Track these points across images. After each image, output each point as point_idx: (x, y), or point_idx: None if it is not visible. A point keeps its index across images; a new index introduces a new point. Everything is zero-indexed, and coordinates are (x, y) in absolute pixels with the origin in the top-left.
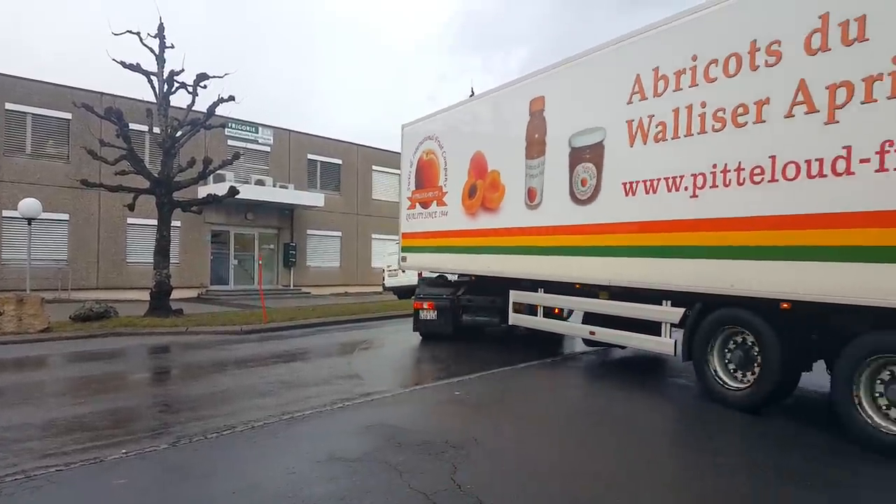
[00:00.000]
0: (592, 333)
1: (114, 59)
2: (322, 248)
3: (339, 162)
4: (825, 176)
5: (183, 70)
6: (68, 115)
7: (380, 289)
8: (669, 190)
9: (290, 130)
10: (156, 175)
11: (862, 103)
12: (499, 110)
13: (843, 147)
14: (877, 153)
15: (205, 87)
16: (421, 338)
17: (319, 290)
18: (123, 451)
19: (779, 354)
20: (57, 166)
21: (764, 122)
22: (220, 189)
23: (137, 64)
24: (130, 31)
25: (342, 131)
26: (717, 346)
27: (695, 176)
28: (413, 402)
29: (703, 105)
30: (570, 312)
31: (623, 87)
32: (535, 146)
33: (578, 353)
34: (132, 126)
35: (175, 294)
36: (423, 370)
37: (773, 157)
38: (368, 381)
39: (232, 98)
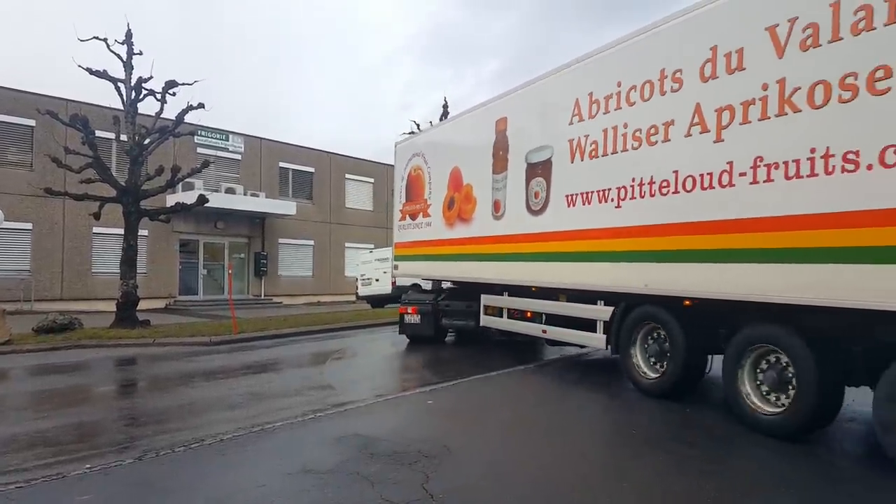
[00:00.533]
0: (544, 332)
1: (80, 66)
2: (294, 257)
3: (312, 170)
4: (713, 188)
5: (151, 77)
6: (32, 122)
7: (353, 298)
8: (600, 201)
9: (261, 138)
10: (122, 183)
11: (740, 124)
12: (471, 129)
13: (727, 162)
14: (751, 168)
15: (174, 94)
16: (393, 347)
17: (291, 299)
18: (87, 466)
19: (683, 347)
20: (20, 174)
21: (669, 140)
22: (189, 197)
23: (104, 70)
24: (97, 38)
25: (315, 140)
26: (639, 340)
27: (619, 189)
28: (386, 412)
29: (626, 126)
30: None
31: (566, 109)
32: (500, 162)
33: (551, 360)
34: (98, 133)
35: (142, 305)
36: (396, 379)
37: (676, 172)
38: (341, 391)
39: (201, 105)
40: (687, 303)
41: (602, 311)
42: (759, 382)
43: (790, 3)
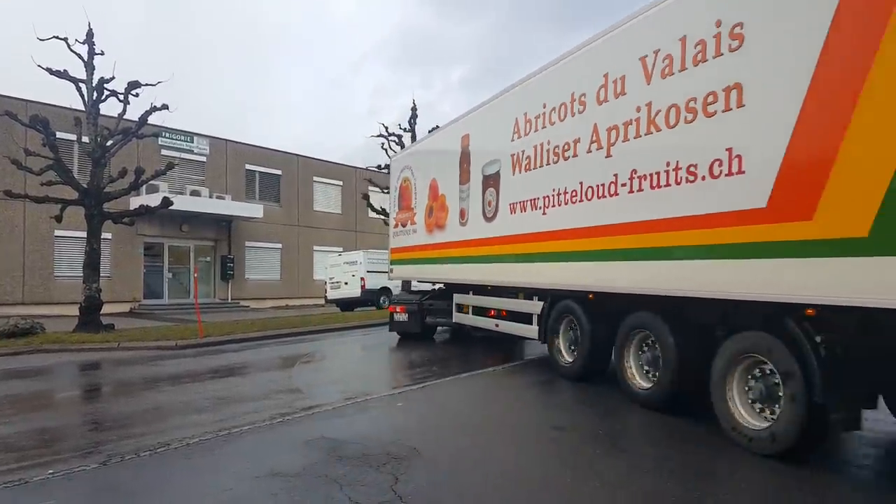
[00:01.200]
0: (497, 326)
1: (40, 66)
2: (261, 260)
3: (279, 173)
4: (605, 197)
5: (114, 77)
6: None
7: (322, 301)
8: (532, 209)
9: (227, 140)
10: (84, 186)
11: (622, 142)
12: (444, 144)
13: (614, 174)
14: (629, 179)
15: (137, 95)
16: (362, 351)
17: (259, 303)
18: (50, 471)
19: (589, 335)
20: None
21: (577, 156)
22: (153, 200)
23: (65, 70)
24: (57, 37)
25: (282, 142)
26: (561, 330)
27: (544, 198)
28: (355, 415)
29: (549, 143)
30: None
31: (509, 127)
32: (465, 174)
33: (528, 361)
34: (60, 135)
35: (106, 309)
36: (365, 382)
37: (581, 183)
38: (309, 394)
39: (165, 107)
40: (590, 297)
41: (535, 306)
42: (641, 362)
43: (656, 36)
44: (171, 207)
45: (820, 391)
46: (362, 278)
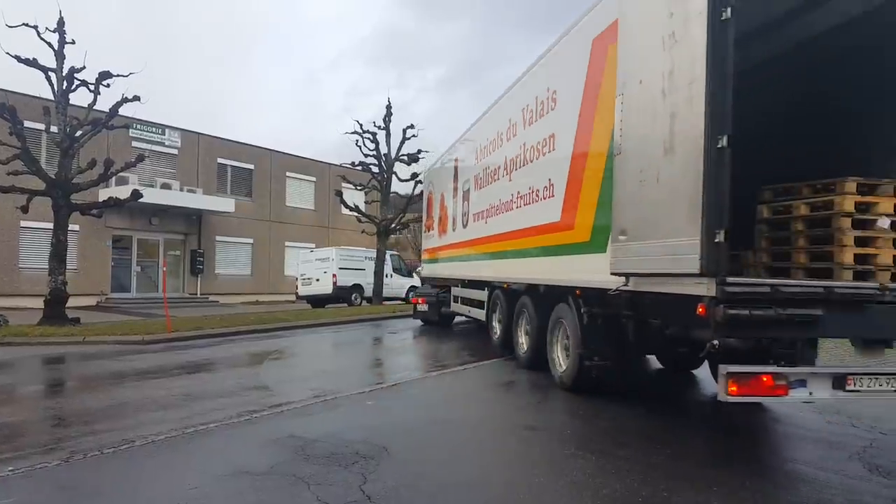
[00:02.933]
0: (469, 312)
1: (8, 53)
2: (232, 255)
3: (252, 167)
4: (508, 211)
5: (84, 67)
6: None
7: (293, 297)
8: (482, 219)
9: (199, 133)
10: (52, 176)
11: (515, 170)
12: (446, 164)
13: (510, 194)
14: (517, 198)
15: (108, 85)
16: (333, 348)
17: (229, 298)
18: (10, 468)
19: (506, 315)
20: None
21: (498, 179)
22: (123, 192)
23: (34, 59)
24: (27, 25)
25: (256, 136)
26: (497, 312)
27: (485, 210)
28: (323, 413)
29: (489, 167)
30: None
31: (473, 154)
32: (455, 189)
33: (494, 360)
34: (28, 124)
35: (72, 302)
36: (335, 380)
37: (500, 199)
38: (278, 392)
39: (137, 98)
40: (506, 286)
41: (484, 294)
42: (524, 332)
43: (527, 94)
44: (140, 200)
45: (579, 346)
46: (334, 275)
